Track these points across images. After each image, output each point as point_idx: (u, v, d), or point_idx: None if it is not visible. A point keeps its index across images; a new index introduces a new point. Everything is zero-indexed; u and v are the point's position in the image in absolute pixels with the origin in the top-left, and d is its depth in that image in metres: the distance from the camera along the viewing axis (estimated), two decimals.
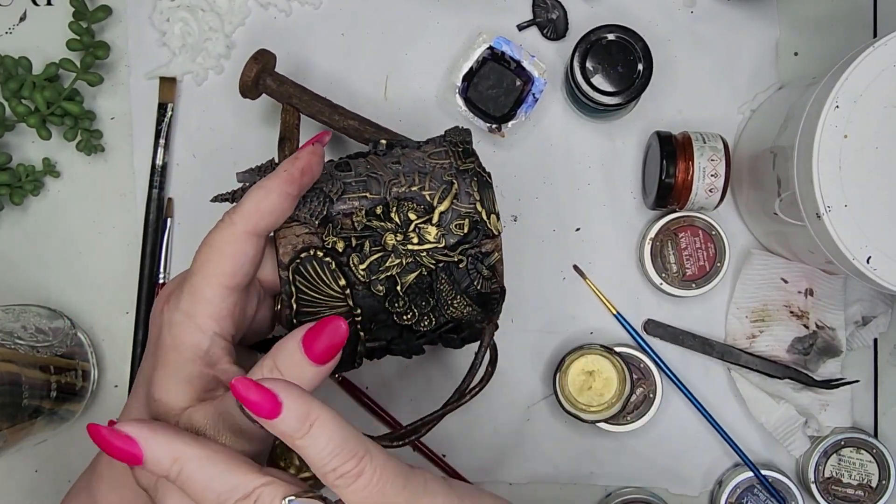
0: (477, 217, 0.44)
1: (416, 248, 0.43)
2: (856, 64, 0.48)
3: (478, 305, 0.45)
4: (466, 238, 0.44)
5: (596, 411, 0.62)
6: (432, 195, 0.44)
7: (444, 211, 0.44)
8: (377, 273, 0.43)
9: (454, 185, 0.44)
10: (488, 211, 0.45)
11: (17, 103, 0.61)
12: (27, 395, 0.56)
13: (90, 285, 0.65)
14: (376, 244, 0.43)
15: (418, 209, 0.44)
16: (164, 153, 0.64)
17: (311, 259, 0.42)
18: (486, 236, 0.45)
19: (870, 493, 0.63)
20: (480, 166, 0.46)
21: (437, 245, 0.44)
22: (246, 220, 0.40)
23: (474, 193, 0.45)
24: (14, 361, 0.56)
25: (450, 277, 0.44)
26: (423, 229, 0.44)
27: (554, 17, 0.64)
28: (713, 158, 0.59)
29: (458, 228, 0.44)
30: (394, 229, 0.44)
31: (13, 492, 0.66)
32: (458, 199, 0.44)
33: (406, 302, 0.44)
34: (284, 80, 0.56)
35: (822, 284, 0.63)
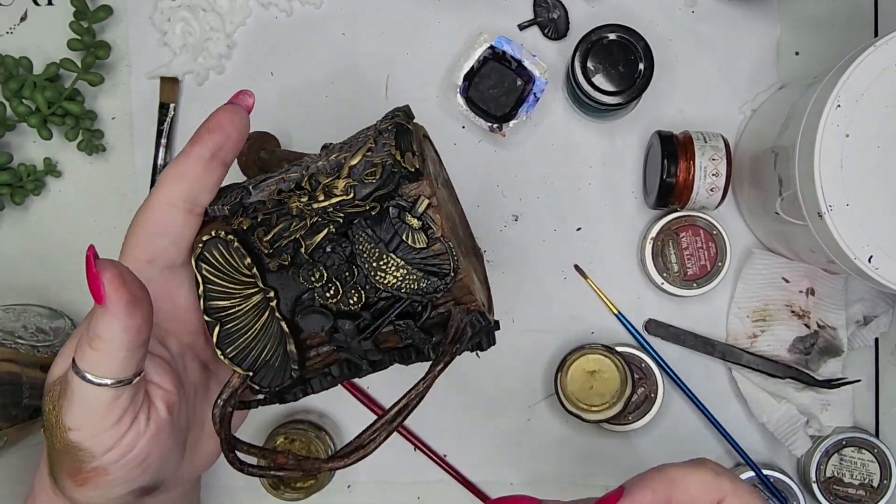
0: (391, 160, 0.37)
1: (322, 204, 0.37)
2: (857, 63, 0.48)
3: (418, 269, 0.37)
4: (381, 186, 0.37)
5: (597, 411, 0.62)
6: (346, 157, 0.38)
7: (355, 164, 0.37)
8: (281, 240, 0.37)
9: (369, 140, 0.38)
10: (403, 150, 0.37)
11: (18, 103, 0.61)
12: (27, 394, 0.56)
13: None
14: (284, 214, 0.38)
15: (331, 172, 0.38)
16: (165, 153, 0.64)
17: (214, 242, 0.37)
18: (407, 179, 0.37)
19: (871, 492, 0.63)
20: (404, 119, 0.40)
21: (345, 197, 0.37)
22: (157, 187, 0.38)
23: (390, 141, 0.38)
24: (15, 361, 0.56)
25: (370, 235, 0.37)
26: (331, 186, 0.37)
27: (555, 17, 0.64)
28: (714, 158, 0.59)
29: (370, 176, 0.37)
30: (300, 194, 0.38)
31: (13, 492, 0.66)
32: (371, 151, 0.38)
33: (323, 274, 0.37)
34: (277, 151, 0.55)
35: (823, 284, 0.63)
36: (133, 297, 0.33)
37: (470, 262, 0.44)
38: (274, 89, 0.65)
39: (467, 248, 0.45)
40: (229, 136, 0.38)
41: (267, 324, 0.38)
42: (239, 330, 0.38)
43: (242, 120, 0.39)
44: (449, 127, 0.65)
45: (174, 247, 0.38)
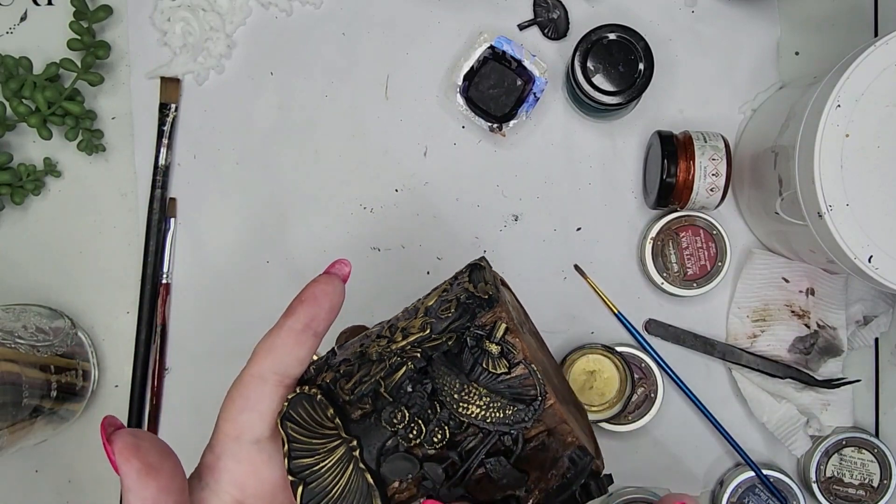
0: (465, 294, 0.36)
1: (399, 344, 0.36)
2: (857, 63, 0.48)
3: (501, 396, 0.35)
4: (457, 318, 0.36)
5: (597, 411, 0.62)
6: (423, 301, 0.38)
7: (431, 305, 0.37)
8: (361, 385, 0.36)
9: (444, 284, 0.38)
10: (476, 281, 0.37)
11: (17, 103, 0.61)
12: (27, 394, 0.56)
13: (91, 285, 0.65)
14: (364, 361, 0.37)
15: (408, 317, 0.38)
16: (166, 153, 0.64)
17: (299, 398, 0.36)
18: (481, 307, 0.36)
19: (871, 492, 0.63)
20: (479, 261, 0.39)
21: (422, 334, 0.36)
22: (249, 362, 0.37)
23: (465, 279, 0.38)
24: (14, 361, 0.56)
25: (450, 368, 0.35)
26: (408, 327, 0.37)
27: (555, 17, 0.64)
28: (714, 158, 0.59)
29: (445, 311, 0.36)
30: (379, 341, 0.37)
31: (13, 492, 0.66)
32: (447, 291, 0.37)
33: (405, 415, 0.35)
34: None
35: (823, 284, 0.63)
36: (147, 467, 0.33)
37: (569, 410, 0.41)
38: (274, 89, 0.65)
39: (566, 398, 0.42)
40: (322, 307, 0.38)
41: (351, 478, 0.36)
42: (324, 488, 0.36)
43: (337, 290, 0.38)
44: (449, 127, 0.65)
45: (261, 420, 0.37)
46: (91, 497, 0.66)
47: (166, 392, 0.65)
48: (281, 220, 0.65)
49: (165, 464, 0.34)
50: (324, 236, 0.65)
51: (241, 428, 0.37)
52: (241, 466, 0.37)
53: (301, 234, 0.65)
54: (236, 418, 0.37)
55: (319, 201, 0.65)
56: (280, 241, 0.65)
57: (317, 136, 0.65)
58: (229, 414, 0.37)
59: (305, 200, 0.65)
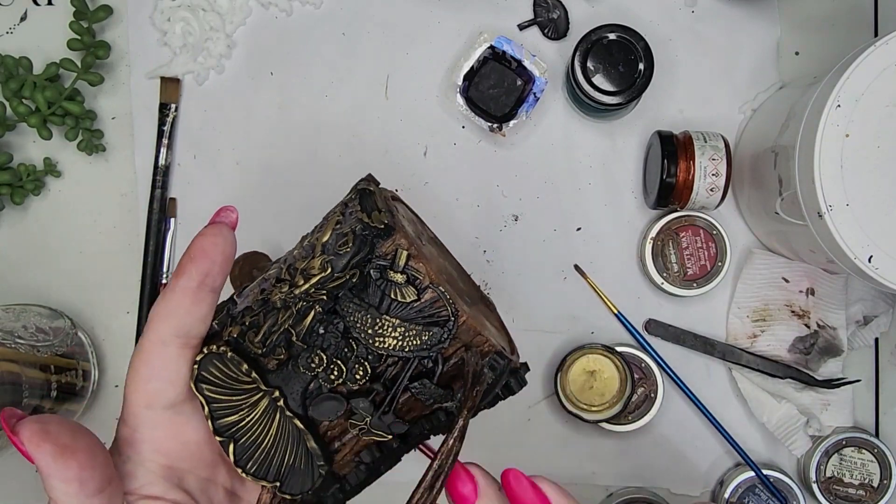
0: (360, 225, 0.36)
1: (302, 288, 0.35)
2: (857, 63, 0.48)
3: (415, 323, 0.36)
4: (356, 252, 0.36)
5: (597, 411, 0.62)
6: (318, 237, 0.37)
7: (327, 240, 0.36)
8: (272, 335, 0.36)
9: (336, 215, 0.37)
10: (369, 210, 0.36)
11: (17, 103, 0.61)
12: (27, 394, 0.56)
13: (91, 285, 0.65)
14: (269, 310, 0.36)
15: (305, 255, 0.37)
16: (166, 153, 0.64)
17: (209, 358, 0.36)
18: (378, 237, 0.36)
19: (871, 492, 0.63)
20: (366, 183, 0.39)
21: (324, 273, 0.35)
22: (147, 328, 0.36)
23: (356, 208, 0.37)
24: (14, 361, 0.56)
25: (358, 303, 0.35)
26: (308, 268, 0.36)
27: (555, 17, 0.64)
28: (714, 158, 0.59)
29: (343, 247, 0.36)
30: (280, 286, 0.36)
31: (13, 492, 0.66)
32: (340, 223, 0.37)
33: (322, 357, 0.35)
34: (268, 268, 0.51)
35: (823, 284, 0.63)
36: (60, 448, 0.32)
37: (479, 310, 0.42)
38: (274, 89, 0.65)
39: (473, 298, 0.43)
40: (214, 261, 0.36)
41: (281, 426, 0.36)
42: (254, 441, 0.36)
43: (227, 241, 0.36)
44: (449, 127, 0.65)
45: (171, 386, 0.36)
46: None
47: None
48: (281, 221, 0.65)
49: (80, 441, 0.33)
50: None
51: (152, 396, 0.36)
52: (160, 432, 0.36)
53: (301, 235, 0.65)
54: (144, 388, 0.36)
55: (319, 201, 0.65)
56: (280, 241, 0.65)
57: (317, 136, 0.65)
58: (136, 384, 0.36)
59: (305, 200, 0.65)
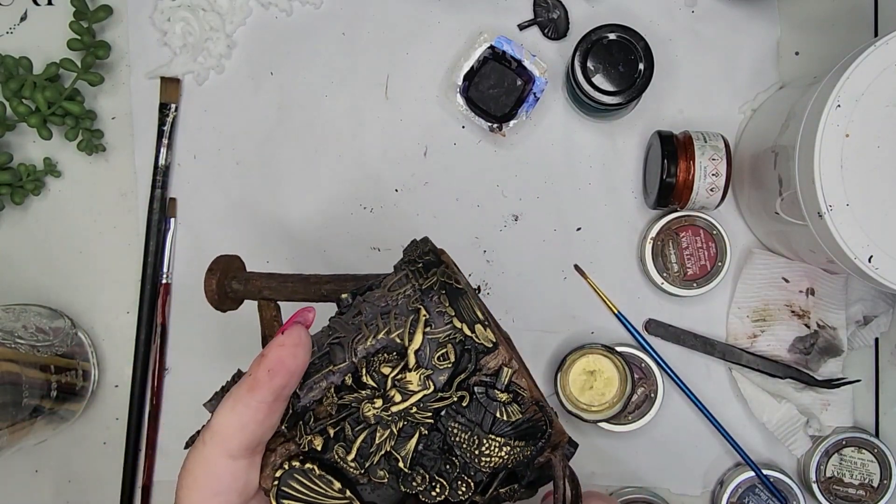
0: (460, 336, 0.35)
1: (401, 406, 0.34)
2: (857, 63, 0.48)
3: (518, 438, 0.35)
4: (458, 368, 0.35)
5: (597, 411, 0.62)
6: (401, 335, 0.35)
7: (419, 347, 0.35)
8: (370, 457, 0.34)
9: (421, 312, 0.35)
10: (471, 322, 0.35)
11: (17, 103, 0.61)
12: (27, 394, 0.56)
13: (91, 285, 0.65)
14: (358, 422, 0.35)
15: (391, 359, 0.35)
16: (166, 153, 0.64)
17: (291, 473, 0.34)
18: (482, 353, 0.35)
19: (871, 492, 0.63)
20: (446, 273, 0.37)
21: (426, 391, 0.34)
22: (214, 440, 0.33)
23: (447, 310, 0.35)
24: (14, 361, 0.56)
25: (463, 423, 0.35)
26: (403, 380, 0.34)
27: (555, 17, 0.64)
28: (714, 158, 0.59)
29: (443, 360, 0.35)
30: (370, 395, 0.35)
31: (13, 492, 0.66)
32: (430, 325, 0.35)
33: (424, 476, 0.34)
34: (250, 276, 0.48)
35: (823, 284, 0.63)
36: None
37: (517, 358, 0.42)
38: (274, 89, 0.65)
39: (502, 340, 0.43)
40: (294, 373, 0.33)
41: None
42: None
43: (307, 350, 0.34)
44: (449, 127, 0.65)
45: (239, 496, 0.34)
46: (91, 497, 0.66)
47: (166, 392, 0.65)
48: (281, 220, 0.65)
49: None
50: (324, 236, 0.65)
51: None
52: None
53: (301, 234, 0.65)
54: (211, 501, 0.33)
55: (319, 201, 0.65)
56: (280, 241, 0.65)
57: (317, 136, 0.65)
58: (200, 497, 0.33)
59: (305, 200, 0.65)
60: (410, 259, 0.39)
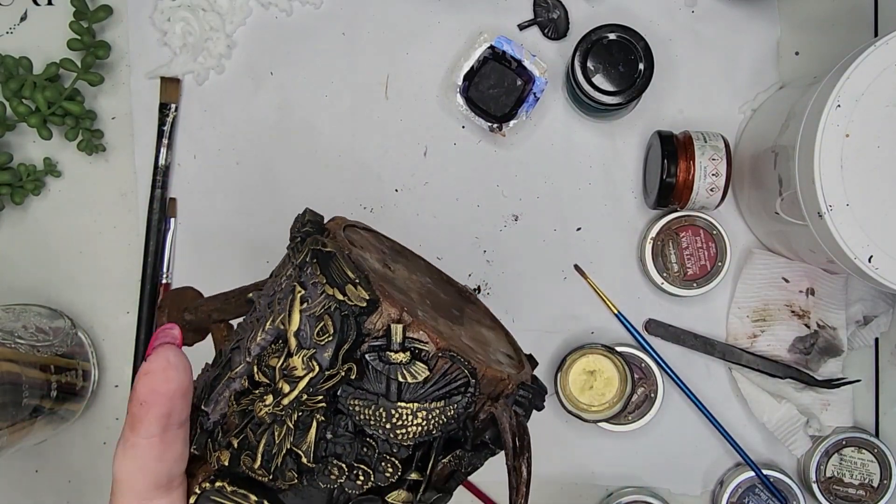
0: (335, 304, 0.30)
1: (291, 397, 0.30)
2: (857, 63, 0.48)
3: (434, 400, 0.31)
4: (341, 339, 0.30)
5: (597, 411, 0.62)
6: (283, 319, 0.31)
7: (298, 328, 0.31)
8: (273, 459, 0.31)
9: (296, 289, 0.31)
10: (341, 284, 0.31)
11: (17, 103, 0.61)
12: (27, 394, 0.56)
13: (91, 285, 0.65)
14: (259, 426, 0.31)
15: (278, 348, 0.31)
16: (166, 153, 0.64)
17: (206, 496, 0.31)
18: (361, 314, 0.31)
19: (871, 492, 0.63)
20: (318, 241, 0.33)
21: (311, 374, 0.30)
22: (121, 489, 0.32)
23: (318, 278, 0.31)
24: (14, 361, 0.56)
25: (364, 398, 0.30)
26: (288, 368, 0.31)
27: (555, 17, 0.64)
28: (714, 158, 0.59)
29: (322, 334, 0.30)
30: (261, 394, 0.31)
31: (13, 492, 0.66)
32: (306, 301, 0.31)
33: (340, 466, 0.31)
34: (198, 304, 0.45)
35: (823, 284, 0.63)
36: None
37: (472, 320, 0.38)
38: (274, 89, 0.65)
39: (459, 305, 0.39)
40: (173, 397, 0.30)
41: None
42: None
43: (180, 369, 0.31)
44: (449, 127, 0.65)
45: None
46: (91, 497, 0.66)
47: None
48: (281, 220, 0.65)
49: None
50: None
51: None
52: None
53: None
54: None
55: (319, 201, 0.65)
56: (280, 242, 0.65)
57: (317, 135, 0.65)
58: None
59: (305, 200, 0.65)
60: (292, 236, 0.35)
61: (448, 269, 0.65)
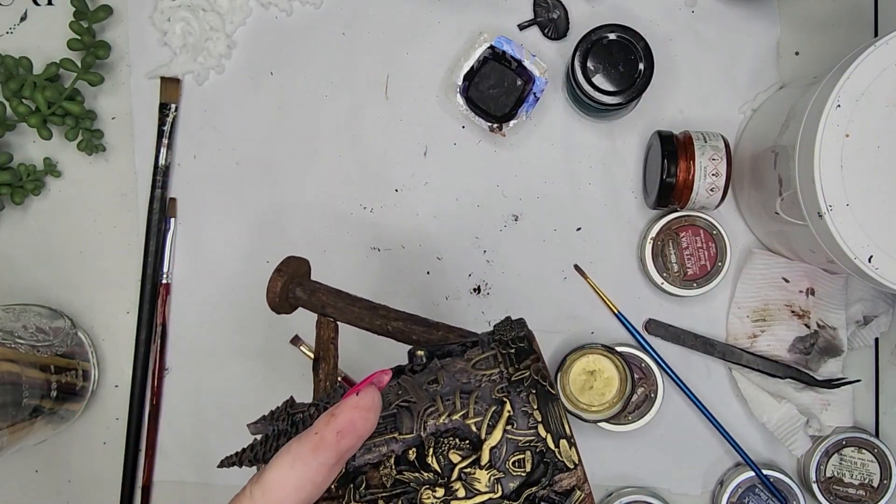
0: (542, 446, 0.33)
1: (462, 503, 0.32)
2: (857, 63, 0.48)
3: None
4: (531, 478, 0.33)
5: (597, 411, 0.62)
6: (478, 423, 0.33)
7: (496, 445, 0.33)
8: None
9: (505, 406, 0.33)
10: (556, 435, 0.33)
11: (18, 103, 0.61)
12: (27, 394, 0.56)
13: (91, 285, 0.65)
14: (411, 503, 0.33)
15: (462, 446, 0.33)
16: (166, 153, 0.64)
17: None
18: (559, 470, 0.33)
19: (871, 492, 0.63)
20: (540, 371, 0.35)
21: (492, 495, 0.32)
22: (266, 497, 0.31)
23: (534, 413, 0.33)
24: (14, 361, 0.56)
25: None
26: (470, 475, 0.32)
27: (555, 17, 0.64)
28: (714, 158, 0.59)
29: (518, 466, 0.33)
30: (432, 480, 0.33)
31: (13, 492, 0.66)
32: (512, 423, 0.33)
33: None
34: (316, 287, 0.45)
35: (823, 284, 0.63)
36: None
37: None
38: (274, 89, 0.65)
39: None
40: (361, 437, 0.32)
41: None
42: None
43: (377, 413, 0.32)
44: (449, 127, 0.65)
45: None
46: (91, 497, 0.66)
47: (166, 392, 0.65)
48: (281, 220, 0.65)
49: None
50: (324, 236, 0.65)
51: None
52: None
53: (301, 235, 0.65)
54: None
55: (319, 201, 0.65)
56: (280, 241, 0.65)
57: (317, 136, 0.65)
58: None
59: (305, 200, 0.65)
60: (501, 339, 0.37)
61: (448, 268, 0.65)
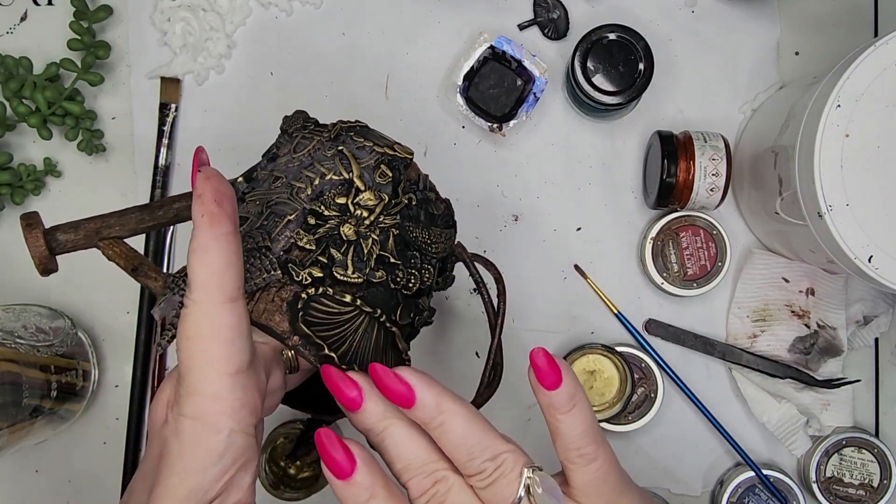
0: (386, 158, 0.43)
1: (371, 219, 0.41)
2: (857, 63, 0.48)
3: (446, 227, 0.45)
4: (396, 179, 0.43)
5: (597, 411, 0.62)
6: (337, 172, 0.42)
7: (359, 174, 0.42)
8: (366, 264, 0.41)
9: (344, 151, 0.43)
10: (389, 144, 0.44)
11: (18, 103, 0.61)
12: (27, 394, 0.56)
13: (91, 285, 0.65)
14: (340, 244, 0.41)
15: (339, 192, 0.42)
16: (166, 153, 0.64)
17: (309, 301, 0.39)
18: (405, 165, 0.43)
19: (871, 492, 0.63)
20: (345, 123, 0.45)
21: (382, 202, 0.42)
22: (206, 290, 0.33)
23: (364, 143, 0.43)
24: (14, 361, 0.56)
25: (414, 222, 0.43)
26: (361, 201, 0.42)
27: (555, 17, 0.64)
28: (714, 158, 0.59)
29: (383, 177, 0.42)
30: (339, 220, 0.41)
31: (13, 492, 0.66)
32: (357, 158, 0.43)
33: (403, 271, 0.42)
34: (74, 224, 0.45)
35: (823, 284, 0.63)
36: None
37: None
38: (274, 89, 0.65)
39: None
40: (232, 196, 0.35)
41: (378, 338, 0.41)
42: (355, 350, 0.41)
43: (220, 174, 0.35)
44: (449, 127, 0.65)
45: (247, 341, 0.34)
46: (91, 497, 0.66)
47: None
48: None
49: None
50: None
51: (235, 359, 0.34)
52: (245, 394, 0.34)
53: None
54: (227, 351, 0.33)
55: None
56: None
57: None
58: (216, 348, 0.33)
59: None
60: (296, 128, 0.46)
61: None
